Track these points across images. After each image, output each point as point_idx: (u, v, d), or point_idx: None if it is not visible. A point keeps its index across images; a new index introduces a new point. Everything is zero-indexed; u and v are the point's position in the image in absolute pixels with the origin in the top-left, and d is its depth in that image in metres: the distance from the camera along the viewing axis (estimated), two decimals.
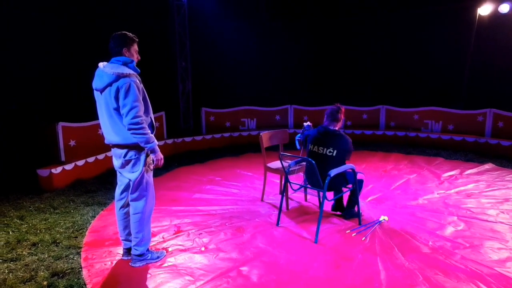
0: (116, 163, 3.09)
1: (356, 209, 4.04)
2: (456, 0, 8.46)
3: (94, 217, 4.20)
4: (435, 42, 8.73)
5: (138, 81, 2.90)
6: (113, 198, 4.79)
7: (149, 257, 3.18)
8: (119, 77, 2.79)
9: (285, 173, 4.01)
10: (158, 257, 3.23)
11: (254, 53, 9.53)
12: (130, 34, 3.04)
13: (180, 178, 5.83)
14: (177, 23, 7.93)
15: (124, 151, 2.94)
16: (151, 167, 3.09)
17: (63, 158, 5.63)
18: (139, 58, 3.08)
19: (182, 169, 6.40)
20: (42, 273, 2.95)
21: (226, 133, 8.46)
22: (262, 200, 4.74)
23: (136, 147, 2.92)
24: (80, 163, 5.64)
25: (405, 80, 9.40)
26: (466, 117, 7.76)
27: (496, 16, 7.87)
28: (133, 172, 3.00)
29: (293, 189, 4.12)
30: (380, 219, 4.01)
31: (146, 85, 3.05)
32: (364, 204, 4.55)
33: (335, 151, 3.73)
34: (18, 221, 4.01)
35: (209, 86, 9.29)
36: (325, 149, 3.78)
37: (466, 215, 4.14)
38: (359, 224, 3.94)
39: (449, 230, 3.76)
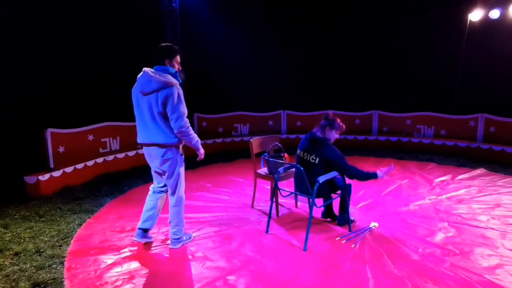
0: (154, 162, 3.41)
1: (351, 215, 4.01)
2: (447, 6, 8.51)
3: (81, 225, 4.12)
4: (427, 48, 8.78)
5: (181, 89, 3.25)
6: (101, 205, 4.76)
7: (184, 239, 3.62)
8: (167, 85, 3.11)
9: (274, 179, 3.98)
10: (190, 238, 3.71)
11: (247, 59, 9.52)
12: (175, 46, 3.38)
13: None
14: (169, 29, 7.90)
15: (163, 150, 3.28)
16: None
17: (52, 165, 5.55)
18: (180, 69, 3.38)
19: None
20: (23, 284, 2.88)
21: (218, 138, 8.40)
22: (252, 207, 4.69)
23: (174, 146, 3.31)
24: (69, 169, 5.56)
25: (398, 85, 9.43)
26: (458, 122, 7.78)
27: (486, 21, 7.93)
28: (170, 169, 3.35)
29: (282, 196, 4.08)
30: (371, 225, 3.97)
31: None
32: (355, 211, 4.51)
33: (317, 159, 3.69)
34: (1, 229, 3.92)
35: (202, 91, 9.25)
36: (309, 155, 3.75)
37: (457, 221, 4.11)
38: (349, 230, 3.90)
39: (440, 237, 3.73)
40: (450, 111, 8.15)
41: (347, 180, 3.90)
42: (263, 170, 4.61)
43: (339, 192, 3.94)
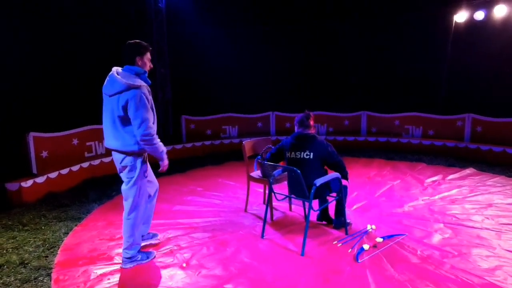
0: (117, 166, 3.20)
1: (347, 217, 3.95)
2: (433, 7, 8.59)
3: (67, 233, 3.94)
4: (414, 49, 8.85)
5: (147, 92, 3.02)
6: (88, 212, 4.58)
7: (139, 258, 3.27)
8: (129, 87, 2.89)
9: (269, 182, 3.88)
10: (147, 258, 3.33)
11: (235, 60, 9.42)
12: (144, 43, 3.12)
13: (160, 189, 5.57)
14: (155, 29, 7.73)
15: (122, 156, 3.06)
16: (146, 174, 3.27)
17: (34, 171, 5.32)
18: (152, 66, 3.20)
19: (161, 179, 6.12)
20: None
21: (207, 141, 8.27)
22: (245, 211, 4.59)
23: (132, 154, 3.05)
24: (53, 175, 5.35)
25: (385, 86, 9.48)
26: (446, 122, 7.85)
27: (471, 23, 8.03)
28: (128, 178, 3.12)
29: (277, 199, 3.99)
30: (368, 228, 3.92)
31: None
32: (350, 213, 4.46)
33: (311, 154, 3.66)
34: None
35: (189, 93, 9.10)
36: (302, 153, 3.70)
37: (452, 222, 4.10)
38: (346, 234, 3.84)
39: (437, 238, 3.70)
40: (437, 112, 8.22)
41: (343, 182, 3.84)
42: (256, 173, 4.51)
43: (334, 194, 3.88)
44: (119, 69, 3.05)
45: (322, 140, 3.76)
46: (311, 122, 3.84)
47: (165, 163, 3.22)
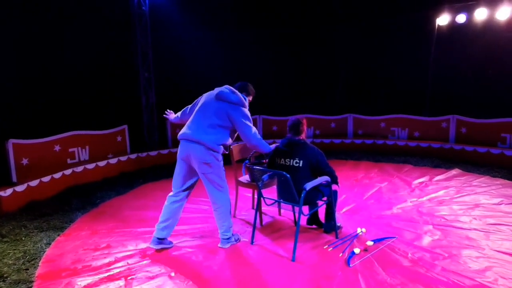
0: (195, 162, 3.45)
1: (337, 221, 3.91)
2: (415, 11, 8.71)
3: (49, 244, 3.79)
4: (399, 51, 8.94)
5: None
6: (71, 221, 4.43)
7: (233, 240, 3.69)
8: (242, 104, 3.49)
9: (258, 187, 3.82)
10: (238, 239, 3.78)
11: (221, 63, 9.33)
12: (253, 88, 3.81)
13: (146, 195, 5.48)
14: (139, 32, 7.60)
15: (207, 151, 3.39)
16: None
17: (14, 179, 5.13)
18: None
19: (148, 185, 6.05)
20: None
21: None
22: (234, 216, 4.51)
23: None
24: (34, 183, 5.16)
25: (371, 89, 9.55)
26: (431, 124, 7.94)
27: (453, 26, 8.16)
28: (210, 173, 3.45)
29: (266, 204, 3.93)
30: (358, 231, 3.89)
31: (107, 97, 2.84)
32: (340, 216, 4.43)
33: (301, 161, 3.58)
34: None
35: (174, 97, 8.94)
36: (291, 160, 3.62)
37: (441, 223, 4.11)
38: (336, 237, 3.80)
39: (427, 240, 3.70)
40: (422, 113, 8.31)
41: (333, 187, 3.81)
42: (245, 177, 4.45)
43: (324, 198, 3.84)
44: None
45: (313, 148, 3.68)
46: (303, 128, 3.76)
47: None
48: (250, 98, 3.82)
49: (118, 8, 7.64)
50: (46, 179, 5.36)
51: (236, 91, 3.55)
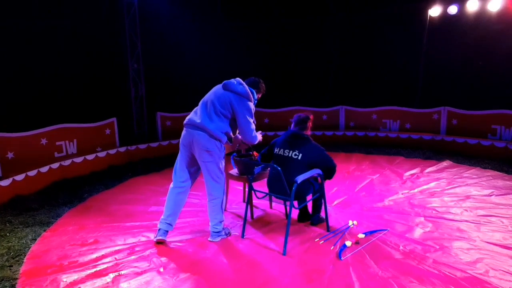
0: (196, 149, 3.43)
1: (323, 213, 3.88)
2: (408, 1, 8.65)
3: (35, 240, 3.70)
4: (390, 43, 8.87)
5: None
6: (58, 216, 4.33)
7: (223, 233, 3.62)
8: (247, 97, 3.44)
9: (248, 180, 3.76)
10: (229, 233, 3.70)
11: (211, 55, 9.20)
12: (264, 85, 3.78)
13: (135, 189, 5.39)
14: (127, 23, 7.43)
15: (210, 139, 3.35)
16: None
17: None
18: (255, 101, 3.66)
19: (137, 179, 5.95)
20: None
21: None
22: (225, 209, 4.43)
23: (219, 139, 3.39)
24: (20, 177, 5.03)
25: (363, 80, 9.49)
26: (422, 116, 7.93)
27: (445, 17, 8.11)
28: (210, 161, 3.42)
29: (257, 197, 3.87)
30: (349, 224, 3.86)
31: (96, 89, 2.75)
32: (331, 209, 4.40)
33: (300, 155, 3.56)
34: None
35: (164, 89, 8.83)
36: (291, 151, 3.60)
37: (432, 215, 4.10)
38: (328, 230, 3.77)
39: (418, 232, 3.68)
40: (414, 105, 8.29)
41: (320, 180, 3.76)
42: (235, 170, 4.38)
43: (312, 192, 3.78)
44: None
45: (316, 145, 3.66)
46: (310, 125, 3.77)
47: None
48: (260, 95, 3.79)
49: None
50: (32, 173, 5.23)
51: (244, 84, 3.51)
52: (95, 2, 7.64)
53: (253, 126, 3.52)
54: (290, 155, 3.59)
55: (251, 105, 3.51)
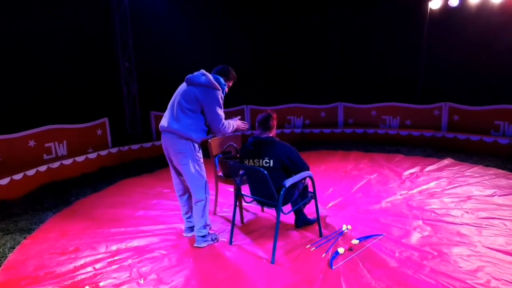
0: (171, 153, 3.35)
1: (313, 215, 3.69)
2: None
3: (13, 248, 3.54)
4: (390, 37, 8.63)
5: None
6: (41, 222, 4.16)
7: (209, 239, 3.49)
8: (212, 86, 3.24)
9: (235, 183, 3.57)
10: (216, 238, 3.55)
11: (206, 53, 8.96)
12: (234, 73, 3.57)
13: (124, 192, 5.23)
14: (118, 20, 7.24)
15: (180, 140, 3.23)
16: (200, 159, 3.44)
17: None
18: (227, 91, 3.51)
19: (127, 181, 5.78)
20: None
21: None
22: (214, 213, 4.27)
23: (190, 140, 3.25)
24: (4, 181, 4.88)
25: (362, 77, 9.25)
26: (423, 112, 7.71)
27: (446, 9, 7.86)
28: (185, 164, 3.28)
29: (245, 201, 3.68)
30: (343, 228, 3.67)
31: (87, 89, 2.59)
32: (325, 211, 4.21)
33: (271, 161, 3.24)
34: None
35: (159, 87, 8.62)
36: (260, 160, 3.28)
37: (431, 218, 3.90)
38: (320, 236, 3.58)
39: (416, 237, 3.48)
40: (414, 101, 8.06)
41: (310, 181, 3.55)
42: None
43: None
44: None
45: (283, 144, 3.33)
46: (273, 123, 3.45)
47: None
48: (230, 83, 3.58)
49: None
50: (17, 176, 5.07)
51: (207, 74, 3.32)
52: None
53: (222, 116, 3.32)
54: (261, 164, 3.28)
55: (219, 93, 3.29)
